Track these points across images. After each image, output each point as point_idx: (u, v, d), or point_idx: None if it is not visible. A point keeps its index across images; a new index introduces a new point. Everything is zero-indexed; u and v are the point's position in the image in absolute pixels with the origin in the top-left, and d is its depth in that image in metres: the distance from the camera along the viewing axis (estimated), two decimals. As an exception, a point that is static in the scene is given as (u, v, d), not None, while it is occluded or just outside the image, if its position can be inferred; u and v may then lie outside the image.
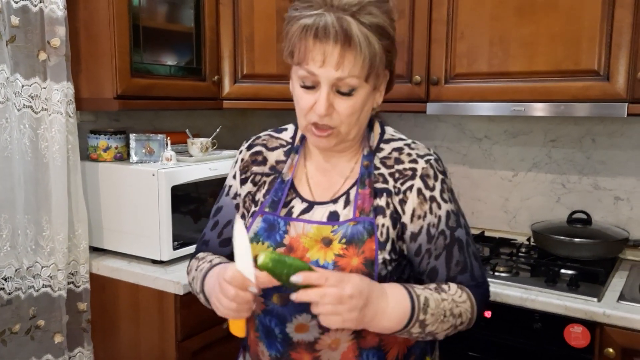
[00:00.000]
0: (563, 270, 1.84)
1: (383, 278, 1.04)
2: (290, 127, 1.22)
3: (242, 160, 1.20)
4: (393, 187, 1.08)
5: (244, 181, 1.18)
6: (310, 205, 1.11)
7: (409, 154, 1.11)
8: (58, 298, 1.89)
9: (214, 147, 2.26)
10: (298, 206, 1.11)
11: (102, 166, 2.01)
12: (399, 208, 1.07)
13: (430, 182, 1.08)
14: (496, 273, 1.85)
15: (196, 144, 2.16)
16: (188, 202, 2.00)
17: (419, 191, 1.07)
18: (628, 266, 1.97)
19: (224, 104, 2.26)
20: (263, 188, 1.16)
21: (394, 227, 1.07)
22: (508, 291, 1.71)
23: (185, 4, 2.11)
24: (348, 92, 1.01)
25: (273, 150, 1.19)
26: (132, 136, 2.03)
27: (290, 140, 1.20)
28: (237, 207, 1.19)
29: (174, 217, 1.92)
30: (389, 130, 1.17)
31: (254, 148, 1.20)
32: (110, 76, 1.86)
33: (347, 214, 1.08)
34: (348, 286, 0.94)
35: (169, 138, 2.08)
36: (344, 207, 1.09)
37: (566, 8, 1.78)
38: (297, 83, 1.04)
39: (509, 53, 1.88)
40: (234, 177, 1.21)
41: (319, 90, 1.01)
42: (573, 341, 1.63)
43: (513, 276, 1.84)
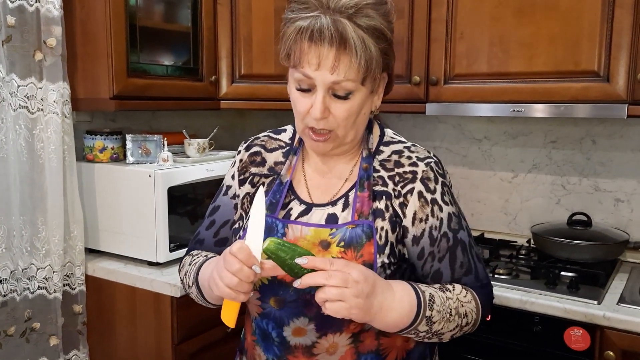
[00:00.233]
0: (563, 272, 1.83)
1: None
2: (289, 128, 1.21)
3: (241, 160, 1.19)
4: (393, 190, 1.07)
5: (243, 182, 1.17)
6: (308, 207, 1.10)
7: (409, 157, 1.10)
8: (53, 300, 1.88)
9: (211, 148, 2.25)
10: (296, 208, 1.10)
11: (98, 167, 1.99)
12: (400, 211, 1.06)
13: (431, 185, 1.07)
14: (496, 275, 1.84)
15: (193, 145, 2.15)
16: (185, 204, 1.99)
17: (420, 194, 1.06)
18: (628, 268, 1.96)
19: (222, 104, 2.25)
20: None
21: (393, 231, 1.06)
22: (508, 294, 1.70)
23: (182, 4, 2.10)
24: (344, 96, 1.00)
25: (272, 151, 1.18)
26: (129, 137, 2.01)
27: (288, 141, 1.19)
28: (236, 208, 1.18)
29: (171, 219, 1.90)
30: (389, 132, 1.16)
31: (253, 149, 1.19)
32: (106, 76, 1.85)
33: (346, 217, 1.06)
34: (354, 271, 0.93)
35: (166, 139, 2.07)
36: (343, 210, 1.07)
37: (566, 9, 1.77)
38: (294, 86, 1.03)
39: (509, 54, 1.87)
40: (233, 178, 1.20)
41: (315, 93, 1.00)
42: (573, 344, 1.62)
43: (513, 278, 1.82)
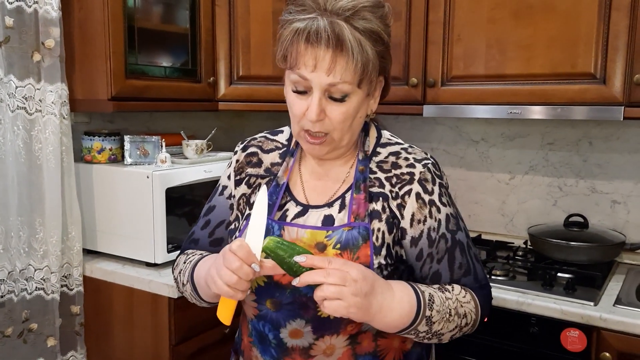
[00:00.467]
0: (560, 274, 1.83)
1: None
2: (286, 130, 1.21)
3: (237, 161, 1.19)
4: (390, 192, 1.07)
5: (239, 182, 1.17)
6: (304, 209, 1.10)
7: (406, 159, 1.10)
8: (51, 301, 1.88)
9: (209, 149, 2.25)
10: (292, 209, 1.10)
11: (96, 168, 1.99)
12: (397, 212, 1.06)
13: (428, 186, 1.07)
14: (493, 276, 1.84)
15: (191, 146, 2.15)
16: (183, 205, 1.99)
17: (418, 195, 1.06)
18: (625, 270, 1.97)
19: (220, 106, 2.25)
20: (258, 190, 1.14)
21: (390, 232, 1.06)
22: (505, 295, 1.70)
23: (180, 5, 2.10)
24: (340, 98, 1.00)
25: (268, 152, 1.18)
26: (127, 138, 2.01)
27: (285, 142, 1.19)
28: (231, 208, 1.18)
29: (169, 220, 1.90)
30: (386, 134, 1.16)
31: (249, 149, 1.19)
32: (104, 77, 1.85)
33: (342, 218, 1.06)
34: (353, 269, 0.93)
35: (164, 140, 2.07)
36: (339, 212, 1.07)
37: (563, 11, 1.77)
38: (290, 88, 1.03)
39: (506, 56, 1.88)
40: (229, 178, 1.20)
41: (311, 95, 1.00)
42: (570, 345, 1.62)
43: (510, 280, 1.83)
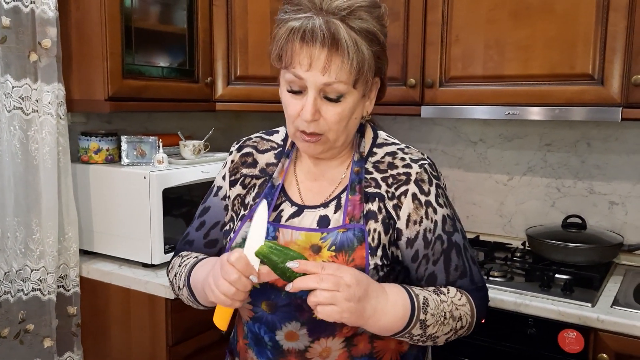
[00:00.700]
0: (557, 275, 1.83)
1: None
2: (281, 130, 1.20)
3: (232, 161, 1.19)
4: (386, 192, 1.07)
5: (234, 183, 1.17)
6: (300, 209, 1.09)
7: (403, 159, 1.09)
8: (48, 302, 1.87)
9: (207, 150, 2.24)
10: (287, 210, 1.10)
11: (93, 168, 1.99)
12: (394, 213, 1.06)
13: (425, 187, 1.07)
14: (491, 278, 1.84)
15: (188, 146, 2.15)
16: (180, 205, 1.98)
17: (414, 196, 1.06)
18: (622, 271, 1.96)
19: (217, 106, 2.25)
20: (253, 191, 1.14)
21: (386, 233, 1.05)
22: (502, 296, 1.70)
23: (178, 5, 2.10)
24: (336, 98, 0.99)
25: (263, 152, 1.17)
26: (124, 138, 2.01)
27: (281, 142, 1.18)
28: (226, 209, 1.17)
29: (166, 220, 1.90)
30: (382, 134, 1.16)
31: (244, 149, 1.19)
32: (101, 78, 1.85)
33: (338, 219, 1.06)
34: (346, 274, 0.92)
35: (161, 140, 2.06)
36: (335, 212, 1.07)
37: (561, 12, 1.77)
38: (285, 88, 1.03)
39: (504, 56, 1.87)
40: (224, 179, 1.19)
41: (306, 95, 0.99)
42: (567, 346, 1.62)
43: (508, 281, 1.83)
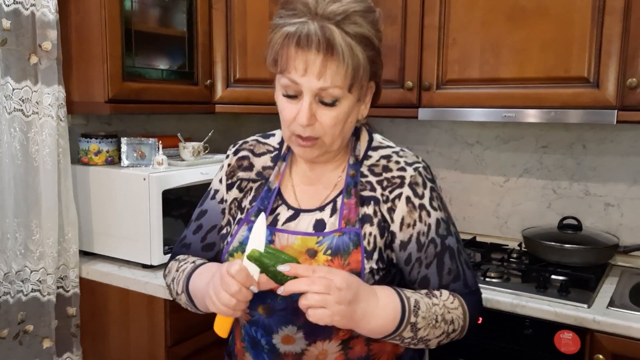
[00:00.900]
0: (554, 276, 1.84)
1: None
2: (277, 133, 1.20)
3: (229, 165, 1.19)
4: (381, 195, 1.07)
5: (230, 186, 1.17)
6: (296, 212, 1.10)
7: (397, 162, 1.09)
8: (47, 303, 1.88)
9: (206, 151, 2.25)
10: (284, 213, 1.10)
11: (93, 170, 2.00)
12: (388, 216, 1.06)
13: (419, 190, 1.07)
14: (487, 279, 1.85)
15: (188, 148, 2.16)
16: (179, 207, 2.00)
17: (408, 199, 1.06)
18: (618, 272, 1.98)
19: (216, 108, 2.26)
20: (249, 195, 1.14)
21: (382, 236, 1.06)
22: (499, 297, 1.71)
23: (177, 8, 2.11)
24: (331, 103, 1.00)
25: (260, 155, 1.18)
26: (124, 140, 2.02)
27: (277, 145, 1.19)
28: (223, 213, 1.18)
29: (165, 222, 1.91)
30: (377, 137, 1.16)
31: (241, 153, 1.19)
32: (101, 80, 1.86)
33: (334, 223, 1.06)
34: (337, 278, 0.93)
35: (161, 142, 2.07)
36: (331, 215, 1.07)
37: (557, 15, 1.79)
38: (280, 92, 1.03)
39: (500, 59, 1.89)
40: (220, 182, 1.19)
41: (302, 100, 0.99)
42: (563, 347, 1.63)
43: (504, 282, 1.84)
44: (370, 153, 1.12)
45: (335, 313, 0.92)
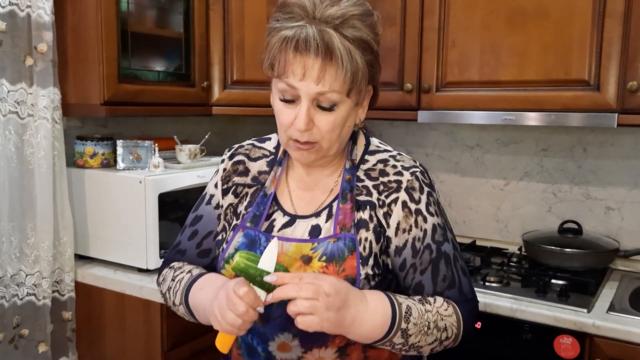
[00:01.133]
0: (554, 280, 1.83)
1: None
2: (273, 137, 1.19)
3: (225, 169, 1.18)
4: (377, 200, 1.06)
5: (226, 192, 1.16)
6: (292, 219, 1.09)
7: (394, 166, 1.08)
8: (42, 307, 1.86)
9: (203, 154, 2.24)
10: (280, 219, 1.09)
11: (89, 173, 1.98)
12: (384, 221, 1.05)
13: (415, 195, 1.06)
14: (487, 283, 1.83)
15: (184, 151, 2.14)
16: (175, 210, 1.98)
17: (404, 204, 1.05)
18: (618, 277, 1.96)
19: (213, 110, 2.24)
20: (245, 200, 1.13)
21: (378, 241, 1.05)
22: (498, 302, 1.70)
23: (174, 10, 2.10)
24: (329, 107, 0.99)
25: (255, 160, 1.17)
26: (119, 142, 2.00)
27: (273, 150, 1.17)
28: (219, 218, 1.16)
29: (161, 225, 1.89)
30: (374, 141, 1.15)
31: (236, 157, 1.18)
32: (97, 82, 1.84)
33: (329, 228, 1.05)
34: (325, 283, 0.92)
35: (157, 144, 2.06)
36: (326, 221, 1.06)
37: (557, 18, 1.78)
38: (277, 96, 1.02)
39: (500, 62, 1.88)
40: (216, 187, 1.18)
41: (299, 104, 0.98)
42: (563, 352, 1.62)
43: (504, 286, 1.82)
44: (367, 157, 1.11)
45: (324, 320, 0.91)
